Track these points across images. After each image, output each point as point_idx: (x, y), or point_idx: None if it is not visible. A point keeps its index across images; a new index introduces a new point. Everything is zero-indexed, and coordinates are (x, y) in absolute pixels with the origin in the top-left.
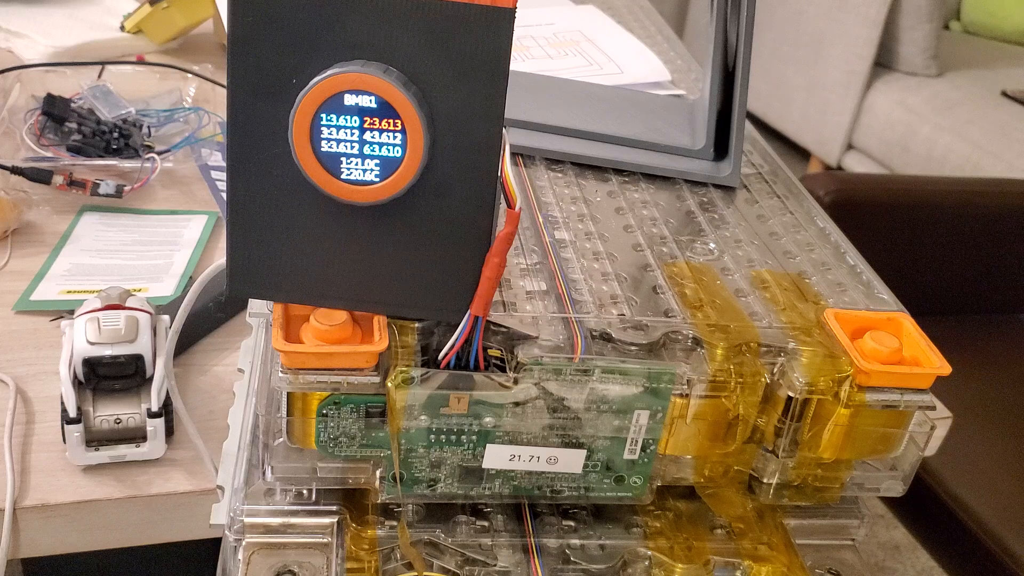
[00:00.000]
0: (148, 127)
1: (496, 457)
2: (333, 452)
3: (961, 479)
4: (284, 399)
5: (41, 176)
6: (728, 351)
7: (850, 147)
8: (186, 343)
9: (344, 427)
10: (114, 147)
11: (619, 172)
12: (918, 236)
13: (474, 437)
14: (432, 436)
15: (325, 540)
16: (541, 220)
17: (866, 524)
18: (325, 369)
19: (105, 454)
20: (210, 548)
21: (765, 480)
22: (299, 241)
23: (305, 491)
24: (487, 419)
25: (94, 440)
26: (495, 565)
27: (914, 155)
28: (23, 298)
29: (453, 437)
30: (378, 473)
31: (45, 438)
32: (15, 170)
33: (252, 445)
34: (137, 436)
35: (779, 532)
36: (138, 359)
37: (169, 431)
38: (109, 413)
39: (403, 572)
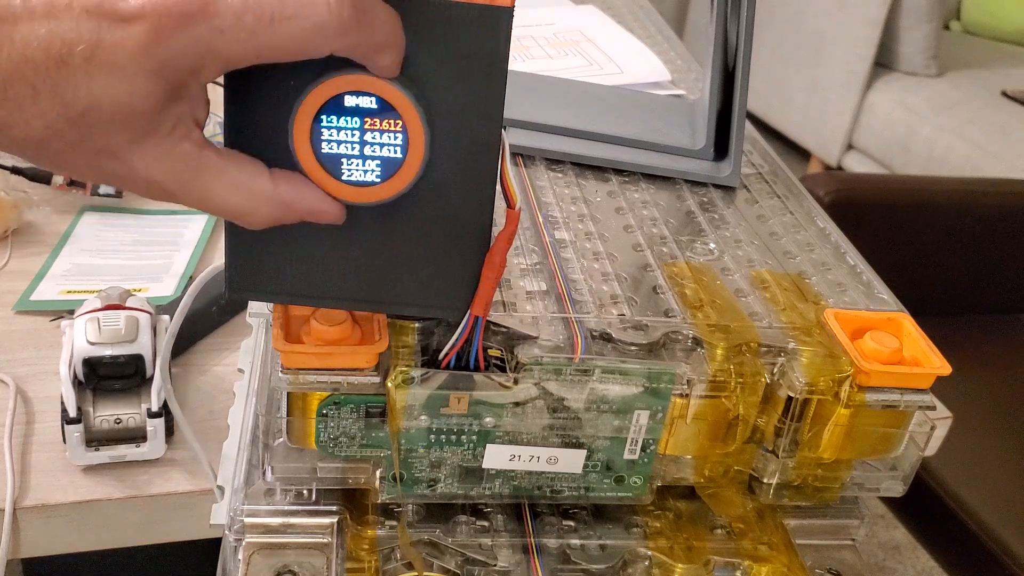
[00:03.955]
0: None
1: (496, 457)
2: (333, 452)
3: (961, 479)
4: (284, 399)
5: (41, 176)
6: (728, 351)
7: (850, 147)
8: (186, 343)
9: (344, 427)
10: None
11: (619, 172)
12: (918, 236)
13: (474, 437)
14: (432, 436)
15: (325, 540)
16: (541, 220)
17: (866, 524)
18: (325, 369)
19: (105, 454)
20: (210, 548)
21: (765, 480)
22: (299, 241)
23: (305, 491)
24: (487, 419)
25: (94, 440)
26: (495, 565)
27: (914, 155)
28: (23, 298)
29: (453, 437)
30: (378, 473)
31: (45, 438)
32: (15, 170)
33: (252, 445)
34: (137, 436)
35: (779, 532)
36: (138, 359)
37: (169, 431)
38: (109, 413)
39: (403, 572)
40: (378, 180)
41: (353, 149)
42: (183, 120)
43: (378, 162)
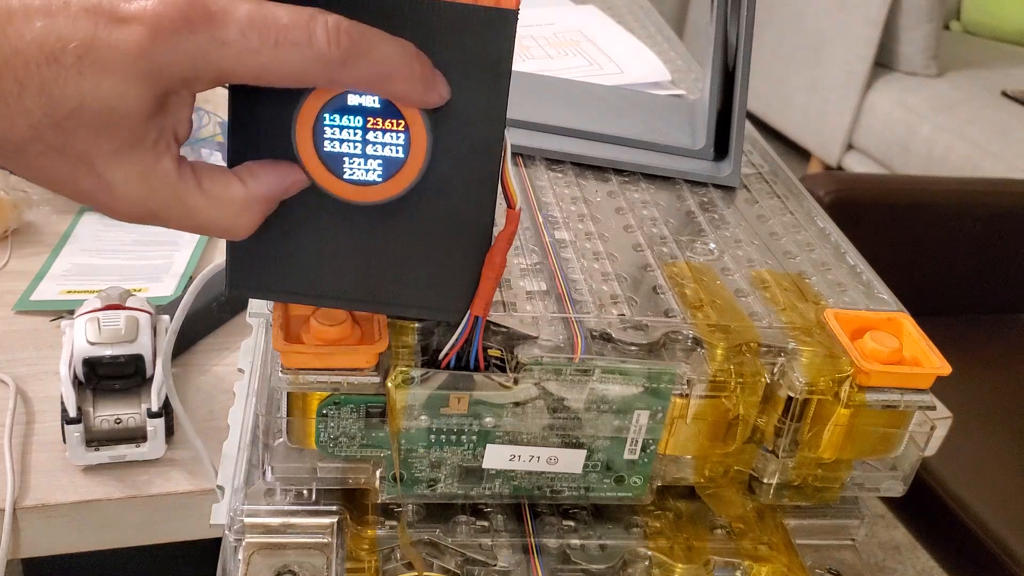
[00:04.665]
0: None
1: (496, 457)
2: (333, 452)
3: (961, 479)
4: (284, 399)
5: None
6: (728, 351)
7: (850, 147)
8: (186, 343)
9: (344, 427)
10: None
11: (619, 172)
12: (918, 236)
13: (474, 437)
14: (432, 436)
15: (325, 540)
16: (541, 220)
17: (866, 524)
18: (325, 369)
19: (105, 454)
20: (210, 548)
21: (765, 480)
22: (299, 241)
23: (305, 491)
24: (487, 419)
25: (94, 440)
26: (495, 565)
27: (914, 155)
28: (23, 298)
29: (453, 437)
30: (378, 473)
31: (45, 438)
32: None
33: (252, 445)
34: (137, 436)
35: (779, 532)
36: (138, 359)
37: (169, 431)
38: (109, 413)
39: (403, 572)
40: (379, 180)
41: (355, 148)
42: (165, 135)
43: (380, 161)
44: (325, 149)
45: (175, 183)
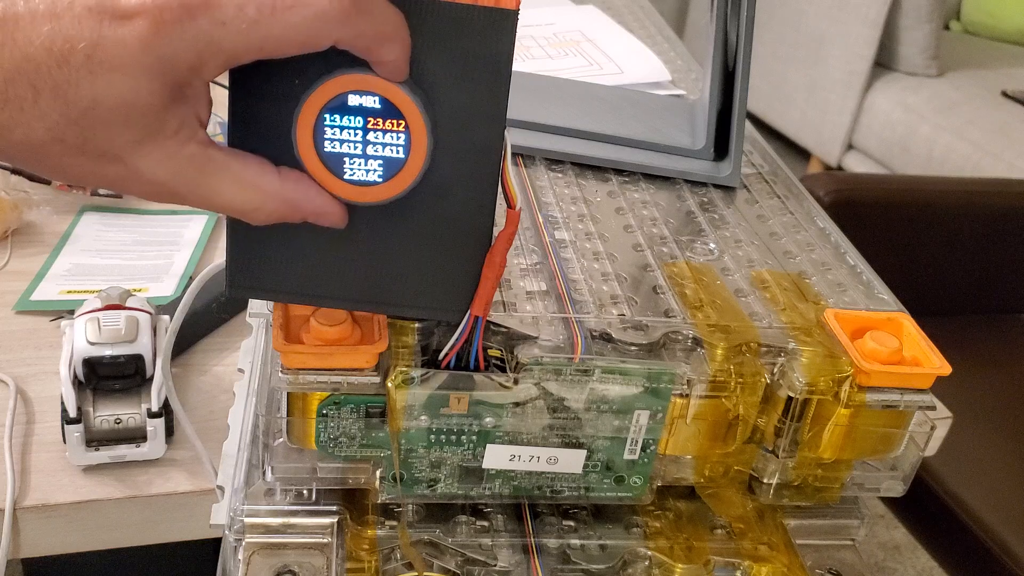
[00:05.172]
0: None
1: (496, 457)
2: (333, 452)
3: (961, 479)
4: (284, 399)
5: (41, 176)
6: (728, 351)
7: (850, 147)
8: (186, 343)
9: (344, 427)
10: None
11: (619, 172)
12: (918, 236)
13: (474, 437)
14: (432, 436)
15: (325, 540)
16: (541, 220)
17: (866, 524)
18: (325, 369)
19: (105, 454)
20: (210, 548)
21: (765, 480)
22: (299, 241)
23: (305, 491)
24: (487, 419)
25: (94, 440)
26: (495, 565)
27: (914, 155)
28: (23, 298)
29: (453, 437)
30: (378, 473)
31: (45, 438)
32: (15, 170)
33: (252, 445)
34: (137, 436)
35: (779, 532)
36: (138, 359)
37: (169, 431)
38: (109, 413)
39: (403, 572)
40: (380, 180)
41: (356, 148)
42: (187, 122)
43: (380, 162)
44: (325, 149)
45: (202, 166)
